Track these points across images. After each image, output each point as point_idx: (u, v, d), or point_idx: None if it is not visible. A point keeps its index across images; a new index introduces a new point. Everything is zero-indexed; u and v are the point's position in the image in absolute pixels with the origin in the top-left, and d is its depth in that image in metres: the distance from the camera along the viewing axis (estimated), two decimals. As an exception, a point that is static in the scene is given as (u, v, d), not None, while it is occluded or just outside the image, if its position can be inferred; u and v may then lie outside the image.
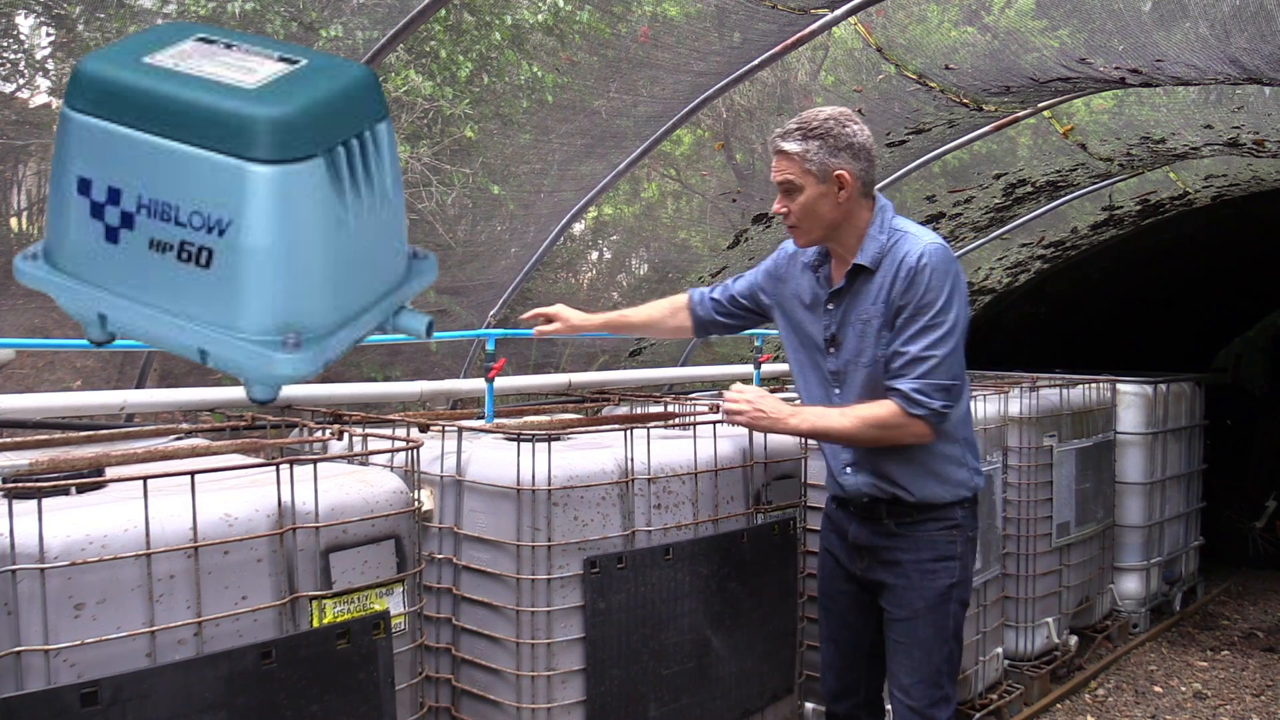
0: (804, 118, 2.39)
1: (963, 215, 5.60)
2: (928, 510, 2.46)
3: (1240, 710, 4.37)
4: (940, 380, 2.31)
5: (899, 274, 2.34)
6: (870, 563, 2.54)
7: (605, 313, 2.93)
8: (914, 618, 2.46)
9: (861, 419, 2.35)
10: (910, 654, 2.47)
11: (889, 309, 2.36)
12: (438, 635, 2.55)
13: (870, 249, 2.39)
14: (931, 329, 2.30)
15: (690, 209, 7.36)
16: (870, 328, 2.39)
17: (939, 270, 2.31)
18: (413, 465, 2.19)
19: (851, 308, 2.44)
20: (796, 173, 2.36)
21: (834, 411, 2.41)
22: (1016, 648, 4.32)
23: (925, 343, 2.30)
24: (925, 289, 2.30)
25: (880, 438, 2.38)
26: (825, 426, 2.41)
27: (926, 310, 2.30)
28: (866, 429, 2.36)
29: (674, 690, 2.58)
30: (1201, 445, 5.91)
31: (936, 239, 2.38)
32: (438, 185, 4.88)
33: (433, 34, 4.87)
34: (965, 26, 4.52)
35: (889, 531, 2.49)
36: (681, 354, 5.54)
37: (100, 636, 1.60)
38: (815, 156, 2.34)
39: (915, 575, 2.46)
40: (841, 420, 2.38)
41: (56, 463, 1.91)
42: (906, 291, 2.32)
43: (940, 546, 2.47)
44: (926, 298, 2.30)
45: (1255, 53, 3.41)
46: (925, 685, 2.45)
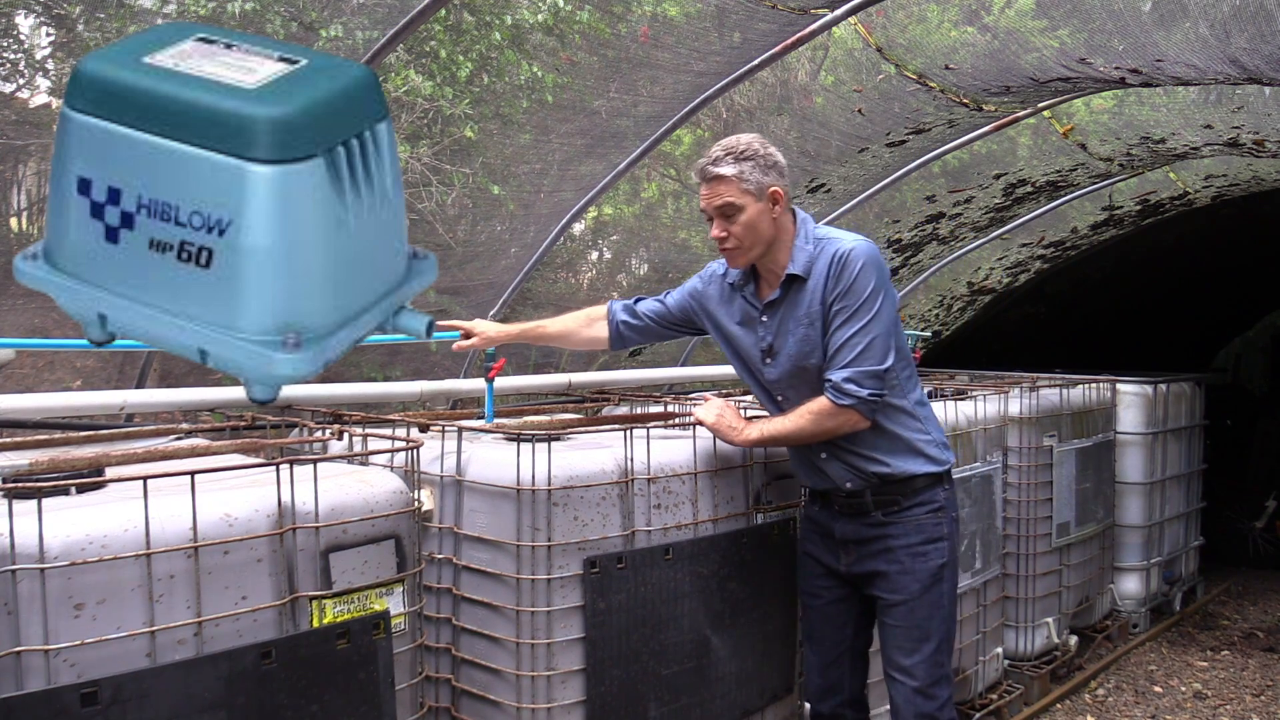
0: (727, 144, 2.50)
1: (963, 215, 5.60)
2: (912, 493, 2.55)
3: (1240, 710, 4.37)
4: (869, 366, 2.42)
5: (830, 271, 2.45)
6: (859, 555, 2.61)
7: (522, 323, 3.02)
8: (910, 600, 2.54)
9: (801, 414, 2.49)
10: (909, 635, 2.54)
11: (825, 308, 2.47)
12: (438, 635, 2.55)
13: (800, 259, 2.50)
14: (857, 316, 2.42)
15: (690, 209, 7.35)
16: (814, 330, 2.49)
17: (866, 263, 2.43)
18: (413, 465, 2.19)
19: (788, 316, 2.54)
20: (735, 194, 2.46)
21: (781, 417, 2.54)
22: (1016, 648, 4.33)
23: (852, 330, 2.42)
24: (852, 280, 2.42)
25: (819, 431, 2.49)
26: (772, 432, 2.54)
27: (854, 299, 2.42)
28: (806, 423, 2.48)
29: (674, 690, 2.58)
30: (1201, 445, 5.92)
31: (861, 238, 2.51)
32: (438, 185, 4.88)
33: (433, 34, 4.87)
34: (965, 26, 4.52)
35: (877, 522, 2.57)
36: (681, 354, 5.54)
37: (100, 636, 1.60)
38: (751, 176, 2.45)
39: (908, 559, 2.54)
40: (784, 422, 2.51)
41: (56, 463, 1.91)
42: (836, 285, 2.44)
43: (928, 529, 2.57)
44: (854, 287, 2.42)
45: (1255, 53, 3.41)
46: (927, 665, 2.53)
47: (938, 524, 2.57)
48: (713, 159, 2.47)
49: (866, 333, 2.41)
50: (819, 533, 2.71)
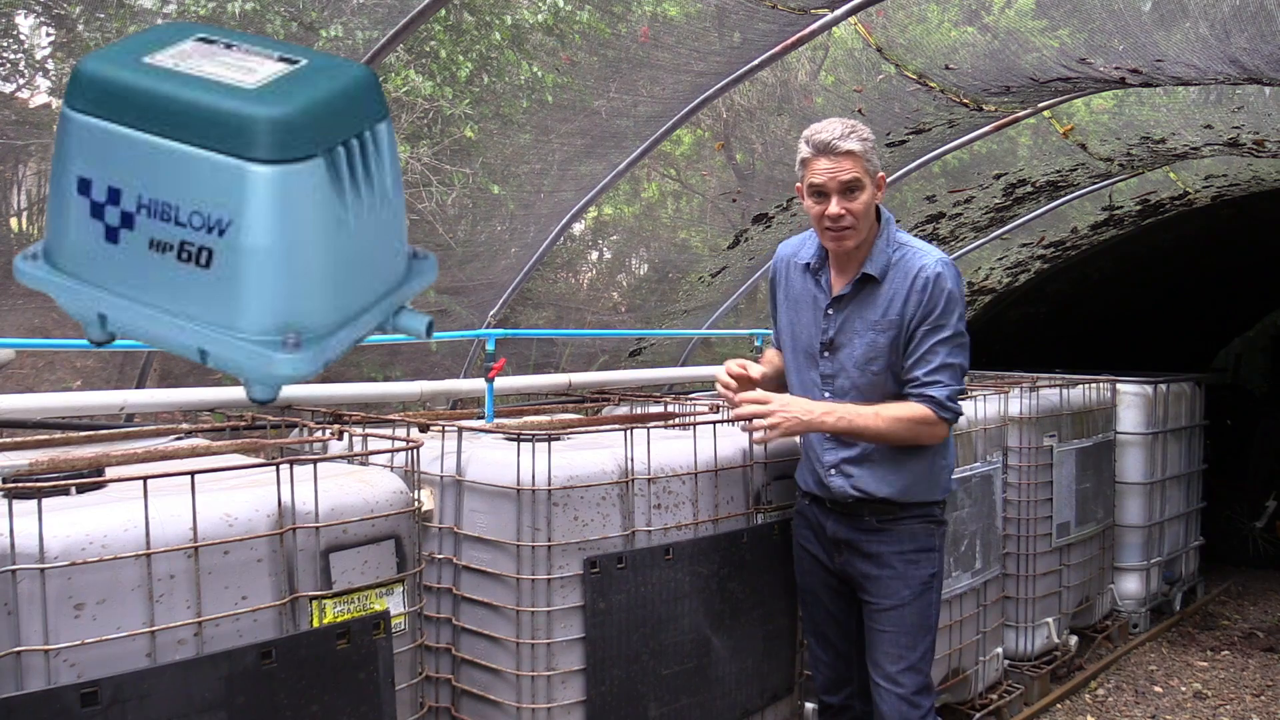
0: (844, 122, 2.44)
1: (963, 215, 5.60)
2: (911, 508, 2.56)
3: (1240, 710, 4.37)
4: (960, 386, 2.48)
5: (914, 287, 2.44)
6: (849, 556, 2.61)
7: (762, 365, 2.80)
8: (901, 606, 2.53)
9: (896, 419, 2.45)
10: (897, 641, 2.53)
11: (903, 321, 2.45)
12: (438, 635, 2.55)
13: (879, 260, 2.48)
14: (951, 340, 2.45)
15: (690, 209, 7.36)
16: (884, 337, 2.47)
17: (952, 285, 2.46)
18: (413, 465, 2.19)
19: (855, 316, 2.51)
20: (861, 171, 2.42)
21: (865, 410, 2.47)
22: (1016, 648, 4.32)
23: (948, 352, 2.45)
24: (945, 302, 2.44)
25: (907, 438, 2.48)
26: (861, 425, 2.47)
27: (946, 323, 2.44)
28: (899, 427, 2.45)
29: (674, 690, 2.58)
30: (1201, 445, 5.91)
31: (940, 253, 2.51)
32: (438, 185, 4.88)
33: (433, 34, 4.87)
34: (965, 26, 4.52)
35: (870, 527, 2.57)
36: (681, 354, 5.54)
37: (100, 636, 1.60)
38: (872, 157, 2.44)
39: (900, 565, 2.54)
40: (875, 420, 2.45)
41: (56, 463, 1.91)
42: (923, 304, 2.44)
43: (920, 539, 2.57)
44: (946, 311, 2.44)
45: (1255, 53, 3.41)
46: (912, 673, 2.53)
47: (930, 535, 2.59)
48: (837, 134, 2.40)
49: (960, 354, 2.48)
50: (811, 529, 2.71)
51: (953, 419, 2.49)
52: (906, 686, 2.52)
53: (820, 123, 2.46)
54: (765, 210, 4.95)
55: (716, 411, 3.19)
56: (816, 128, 2.44)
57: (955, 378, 2.47)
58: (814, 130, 2.44)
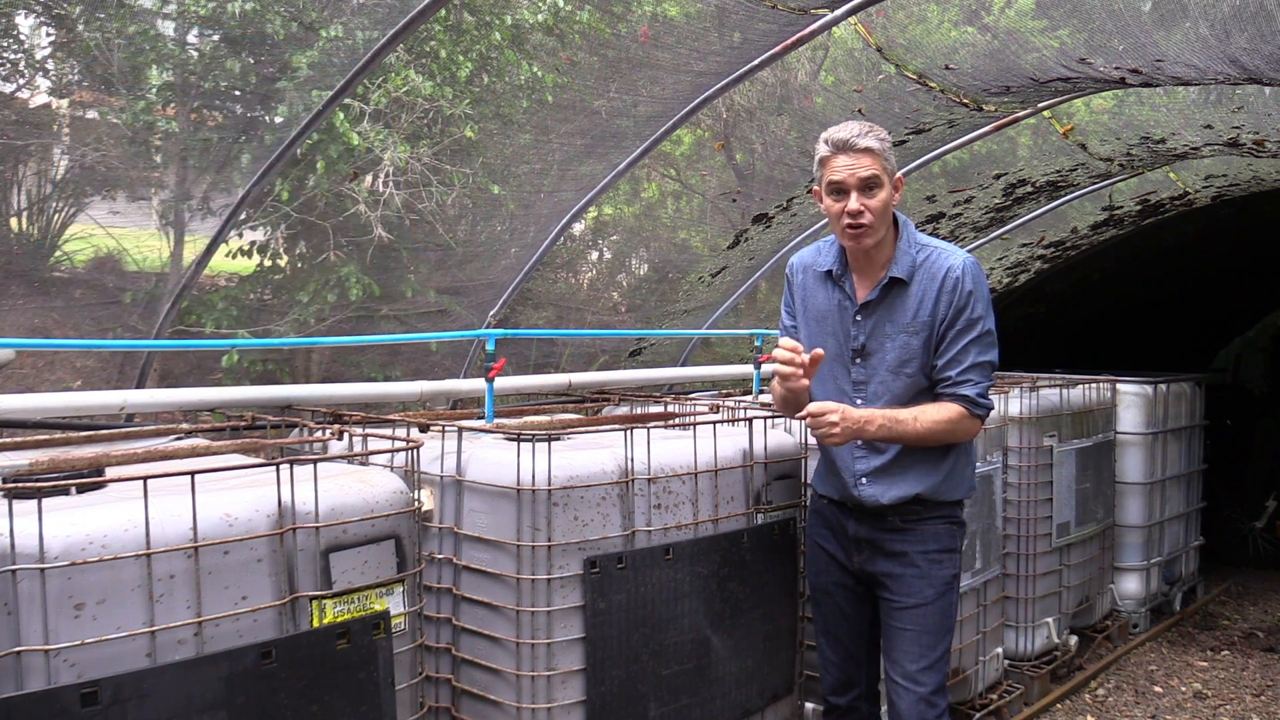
0: (861, 123, 2.46)
1: (963, 215, 5.60)
2: (936, 508, 2.56)
3: (1240, 710, 4.37)
4: (990, 382, 2.52)
5: (943, 287, 2.47)
6: (871, 554, 2.59)
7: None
8: (924, 605, 2.53)
9: (935, 421, 2.47)
10: (919, 640, 2.53)
11: (934, 321, 2.47)
12: (438, 635, 2.55)
13: (904, 262, 2.50)
14: (982, 338, 2.49)
15: (690, 209, 7.36)
16: (917, 339, 2.49)
17: (979, 283, 2.50)
18: (413, 465, 2.19)
19: (885, 320, 2.52)
20: (879, 169, 2.44)
21: (903, 414, 2.48)
22: (1016, 648, 4.33)
23: (978, 350, 2.48)
24: (974, 302, 2.47)
25: (945, 437, 2.51)
26: (900, 431, 2.48)
27: (977, 322, 2.48)
28: (938, 429, 2.48)
29: (674, 690, 2.58)
30: (1201, 445, 5.92)
31: (966, 253, 2.54)
32: (438, 185, 4.87)
33: (433, 34, 4.86)
34: (965, 26, 4.52)
35: (894, 526, 2.56)
36: (681, 354, 5.54)
37: (100, 636, 1.60)
38: (890, 157, 2.47)
39: (924, 564, 2.54)
40: (915, 425, 2.47)
41: (56, 463, 1.91)
42: (953, 304, 2.46)
43: (944, 539, 2.57)
44: (975, 310, 2.48)
45: (1255, 53, 3.41)
46: (932, 672, 2.53)
47: (952, 535, 2.59)
48: (855, 132, 2.42)
49: (990, 352, 2.50)
50: (830, 528, 2.68)
51: (985, 415, 2.52)
52: (926, 686, 2.51)
53: (838, 124, 2.49)
54: (765, 210, 4.95)
55: (716, 411, 3.19)
56: (835, 128, 2.47)
57: (986, 375, 2.51)
58: (833, 130, 2.47)
